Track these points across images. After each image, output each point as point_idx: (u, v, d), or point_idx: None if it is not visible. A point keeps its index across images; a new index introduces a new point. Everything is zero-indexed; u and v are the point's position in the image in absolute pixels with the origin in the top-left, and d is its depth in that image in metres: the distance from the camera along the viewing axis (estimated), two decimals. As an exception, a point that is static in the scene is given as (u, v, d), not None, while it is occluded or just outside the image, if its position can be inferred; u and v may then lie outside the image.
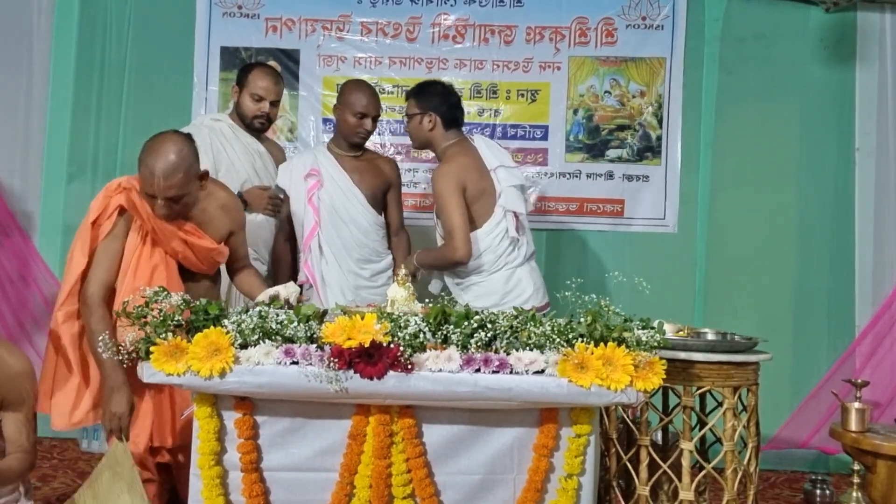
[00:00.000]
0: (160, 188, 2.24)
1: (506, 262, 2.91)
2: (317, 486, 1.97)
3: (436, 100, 2.98)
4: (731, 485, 2.29)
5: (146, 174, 2.26)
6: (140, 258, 2.30)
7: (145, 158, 2.28)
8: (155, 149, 2.29)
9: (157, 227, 2.30)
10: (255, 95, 3.05)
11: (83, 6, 3.99)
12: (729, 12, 3.94)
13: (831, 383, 3.66)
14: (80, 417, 2.35)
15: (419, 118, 2.98)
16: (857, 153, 3.92)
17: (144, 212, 2.30)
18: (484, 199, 2.90)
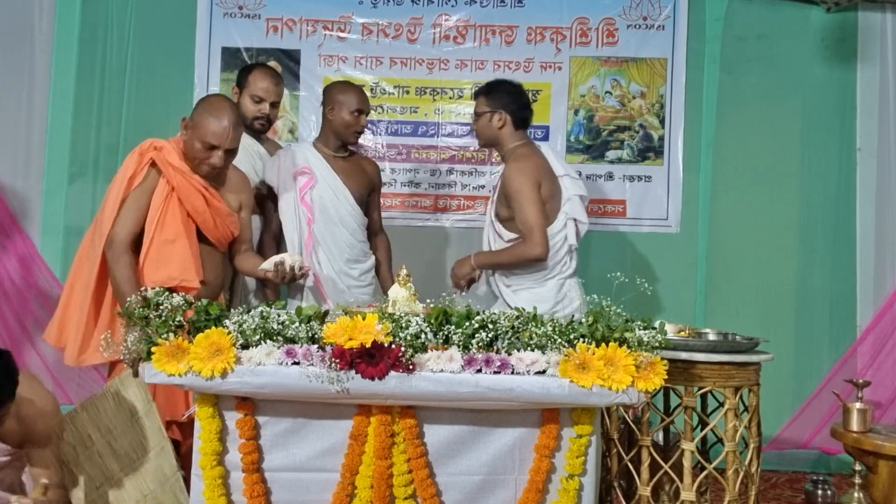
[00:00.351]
0: (229, 138, 2.48)
1: (560, 271, 2.91)
2: (318, 486, 1.97)
3: (506, 98, 2.97)
4: (733, 485, 2.29)
5: (214, 126, 2.46)
6: (166, 213, 2.44)
7: (211, 112, 2.50)
8: (218, 105, 2.55)
9: (185, 183, 2.47)
10: (255, 97, 3.05)
11: (84, 7, 3.99)
12: (730, 12, 3.94)
13: (833, 383, 3.66)
14: (89, 356, 2.45)
15: (489, 116, 2.96)
16: (858, 153, 3.92)
17: (174, 167, 2.47)
18: (552, 203, 2.89)
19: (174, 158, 2.49)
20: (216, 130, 2.47)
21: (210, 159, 2.49)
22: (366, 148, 4.03)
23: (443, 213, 4.02)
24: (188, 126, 2.52)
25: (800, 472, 3.75)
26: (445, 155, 4.05)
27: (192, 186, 2.48)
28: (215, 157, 2.49)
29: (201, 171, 2.52)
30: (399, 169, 4.04)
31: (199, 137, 2.48)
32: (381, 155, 4.04)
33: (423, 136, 4.06)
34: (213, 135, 2.47)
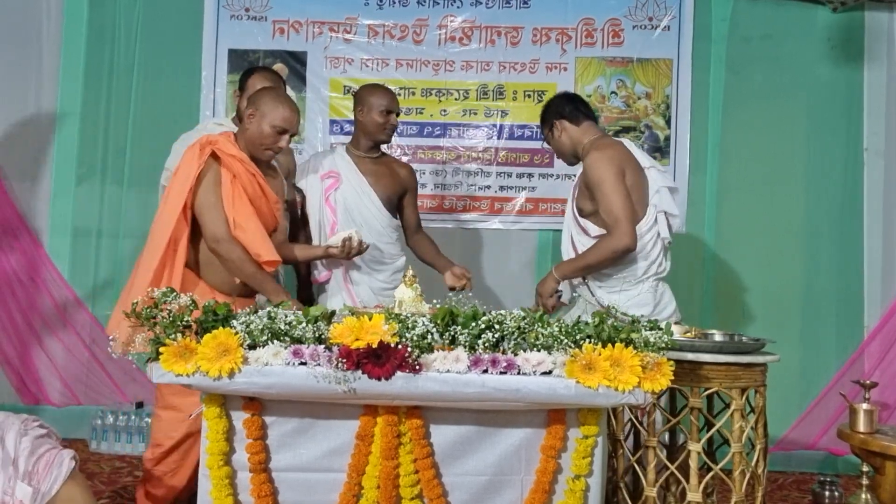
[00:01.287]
0: (295, 123, 2.66)
1: (656, 272, 2.78)
2: (325, 486, 1.98)
3: (551, 108, 2.95)
4: (739, 486, 2.29)
5: (284, 112, 2.62)
6: (235, 198, 2.59)
7: (278, 99, 2.66)
8: (279, 94, 2.74)
9: (243, 170, 2.59)
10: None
11: (92, 9, 4.02)
12: (736, 12, 3.94)
13: (840, 384, 3.65)
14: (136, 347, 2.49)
15: (549, 133, 2.95)
16: (865, 153, 3.91)
17: (232, 155, 2.60)
18: (637, 194, 2.74)
19: (231, 148, 2.62)
20: (286, 115, 2.63)
21: (278, 143, 2.64)
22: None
23: (448, 214, 4.03)
24: (254, 114, 2.64)
25: (806, 473, 3.74)
26: (451, 156, 4.05)
27: (248, 173, 2.62)
28: (283, 140, 2.65)
29: (265, 156, 2.68)
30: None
31: (269, 122, 2.61)
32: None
33: (429, 136, 4.06)
34: (283, 119, 2.62)
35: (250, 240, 2.59)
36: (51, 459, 1.86)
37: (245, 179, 2.61)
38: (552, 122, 2.92)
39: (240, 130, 2.71)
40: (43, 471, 1.84)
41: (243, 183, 2.61)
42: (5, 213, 3.91)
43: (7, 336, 3.85)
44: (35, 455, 1.86)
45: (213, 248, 2.59)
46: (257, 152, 2.66)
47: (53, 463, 1.86)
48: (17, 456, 1.85)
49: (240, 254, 2.57)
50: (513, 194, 4.02)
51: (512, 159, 4.03)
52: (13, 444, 1.86)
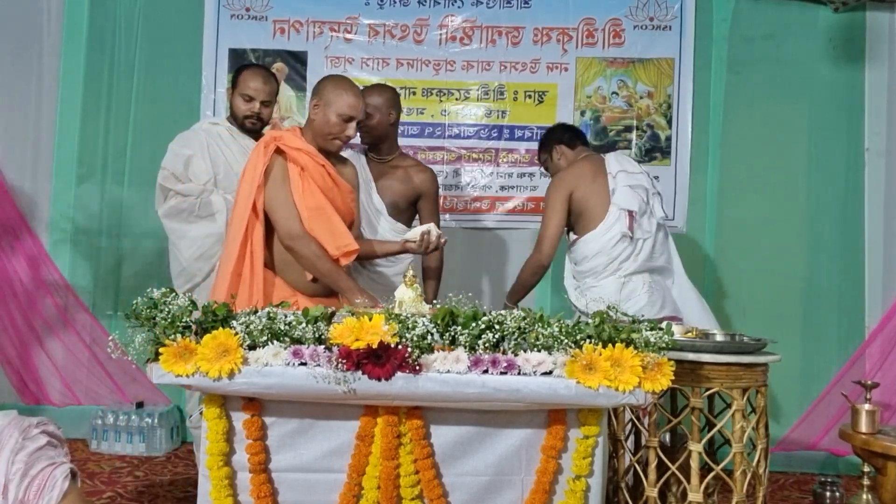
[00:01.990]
0: (362, 110, 2.68)
1: (619, 268, 2.98)
2: (325, 486, 1.98)
3: (550, 136, 3.28)
4: (740, 486, 2.28)
5: (349, 99, 2.62)
6: (305, 192, 2.60)
7: (342, 87, 2.65)
8: (345, 81, 2.72)
9: (311, 162, 2.60)
10: (245, 95, 3.06)
11: (92, 9, 4.02)
12: (737, 12, 3.93)
13: (841, 385, 3.64)
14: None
15: (549, 159, 3.26)
16: (866, 153, 3.90)
17: (298, 148, 2.61)
18: (596, 199, 3.03)
19: (296, 141, 2.63)
20: (351, 102, 2.62)
21: (346, 131, 2.64)
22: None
23: (450, 214, 4.02)
24: (318, 104, 2.64)
25: (808, 473, 3.73)
26: (452, 156, 4.05)
27: (317, 164, 2.62)
28: (350, 128, 2.64)
29: (333, 147, 2.68)
30: (405, 170, 4.05)
31: (335, 111, 2.61)
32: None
33: (430, 137, 4.06)
34: (349, 107, 2.62)
35: (326, 232, 2.57)
36: (43, 482, 1.82)
37: (314, 172, 2.60)
38: (553, 146, 3.23)
39: (306, 123, 2.71)
40: (34, 497, 1.80)
41: (313, 175, 2.60)
42: (6, 212, 3.91)
43: (7, 336, 3.85)
44: (27, 478, 1.81)
45: (289, 245, 2.57)
46: (325, 143, 2.65)
47: (45, 487, 1.82)
48: (7, 482, 1.80)
49: (315, 249, 2.55)
50: (513, 194, 4.02)
51: (512, 159, 4.03)
52: (5, 466, 1.81)
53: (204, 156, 3.02)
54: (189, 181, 3.03)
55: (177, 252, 3.05)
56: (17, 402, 3.82)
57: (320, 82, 2.73)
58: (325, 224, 2.58)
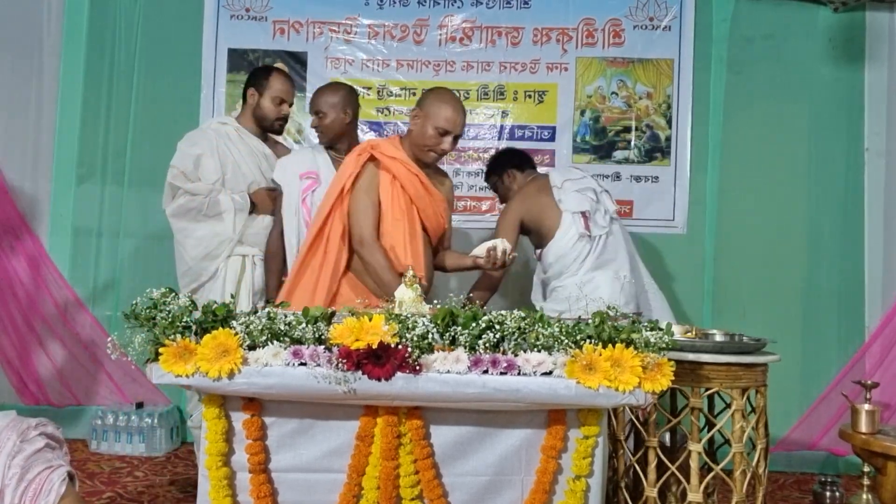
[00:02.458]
0: (459, 124, 2.68)
1: (581, 266, 3.06)
2: (325, 487, 1.98)
3: (501, 160, 3.38)
4: (740, 486, 2.28)
5: (447, 113, 2.66)
6: (392, 199, 2.67)
7: (442, 100, 2.69)
8: (448, 95, 2.76)
9: (404, 170, 2.66)
10: (276, 98, 3.09)
11: (92, 10, 4.02)
12: (737, 13, 3.93)
13: (841, 385, 3.64)
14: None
15: (500, 181, 3.34)
16: (866, 153, 3.90)
17: (392, 157, 2.68)
18: (546, 213, 3.13)
19: (391, 150, 2.71)
20: (449, 116, 2.65)
21: (441, 145, 2.67)
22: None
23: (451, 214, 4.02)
24: (418, 115, 2.70)
25: (808, 473, 3.73)
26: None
27: (410, 173, 2.68)
28: (446, 142, 2.67)
29: (427, 158, 2.72)
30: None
31: (432, 124, 2.65)
32: (388, 156, 4.04)
33: (430, 137, 4.05)
34: (446, 121, 2.65)
35: (401, 243, 2.64)
36: (39, 486, 1.81)
37: (406, 181, 2.67)
38: (505, 170, 3.32)
39: (406, 132, 2.77)
40: (31, 502, 1.80)
41: (404, 184, 2.66)
42: (6, 212, 3.91)
43: (7, 336, 3.85)
44: (24, 482, 1.81)
45: (357, 250, 2.67)
46: (420, 154, 2.70)
47: (41, 491, 1.81)
48: (3, 486, 1.79)
49: (380, 259, 2.62)
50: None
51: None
52: (1, 470, 1.80)
53: (213, 155, 3.02)
54: (198, 180, 3.02)
55: (182, 251, 3.05)
56: (17, 403, 3.82)
57: (425, 93, 2.78)
58: (403, 236, 2.65)
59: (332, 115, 2.99)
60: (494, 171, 3.39)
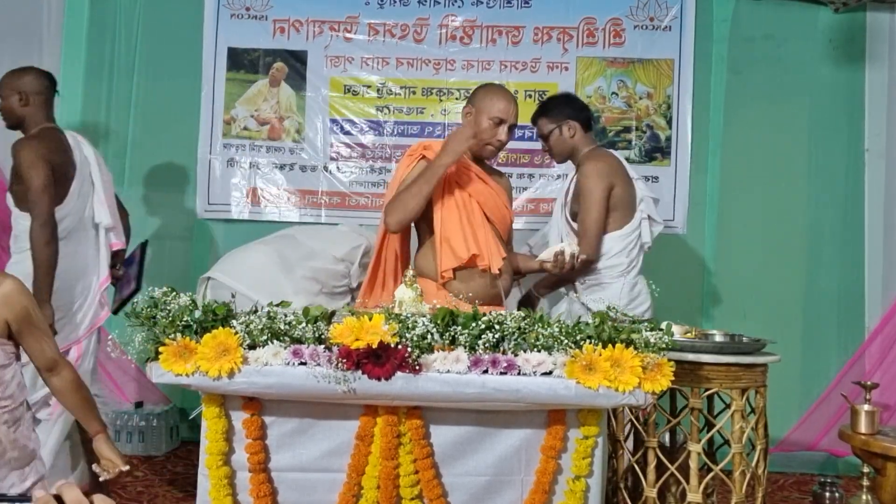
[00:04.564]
0: (513, 113, 2.64)
1: (632, 270, 2.96)
2: (324, 486, 1.97)
3: (568, 108, 3.02)
4: (740, 487, 2.28)
5: (500, 104, 2.63)
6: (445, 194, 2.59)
7: (494, 92, 2.68)
8: (498, 87, 2.78)
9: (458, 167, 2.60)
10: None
11: (93, 8, 4.02)
12: (737, 13, 3.93)
13: (841, 385, 3.64)
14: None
15: (558, 131, 2.99)
16: (866, 154, 3.90)
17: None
18: (628, 201, 2.95)
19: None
20: (502, 106, 2.62)
21: (498, 135, 2.63)
22: (372, 148, 4.04)
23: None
24: (470, 111, 2.67)
25: (807, 474, 3.74)
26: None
27: (465, 169, 2.63)
28: (502, 132, 2.63)
29: (486, 153, 2.68)
30: (405, 169, 4.05)
31: (486, 115, 2.62)
32: (388, 155, 4.04)
33: (430, 136, 4.06)
34: (499, 110, 2.62)
35: (459, 237, 2.57)
36: None
37: (460, 176, 2.62)
38: (565, 120, 2.98)
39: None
40: None
41: (459, 181, 2.61)
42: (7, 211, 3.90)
43: (7, 335, 3.85)
44: None
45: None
46: (479, 150, 2.66)
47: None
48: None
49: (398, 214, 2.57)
50: (513, 194, 4.01)
51: (512, 159, 4.03)
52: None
53: None
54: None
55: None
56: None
57: (474, 90, 2.75)
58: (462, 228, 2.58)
59: (9, 98, 2.97)
60: (552, 116, 3.01)
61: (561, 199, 3.11)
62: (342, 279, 3.12)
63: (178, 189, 4.05)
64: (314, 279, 3.04)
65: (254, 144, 4.05)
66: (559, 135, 2.99)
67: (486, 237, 2.61)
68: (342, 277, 3.12)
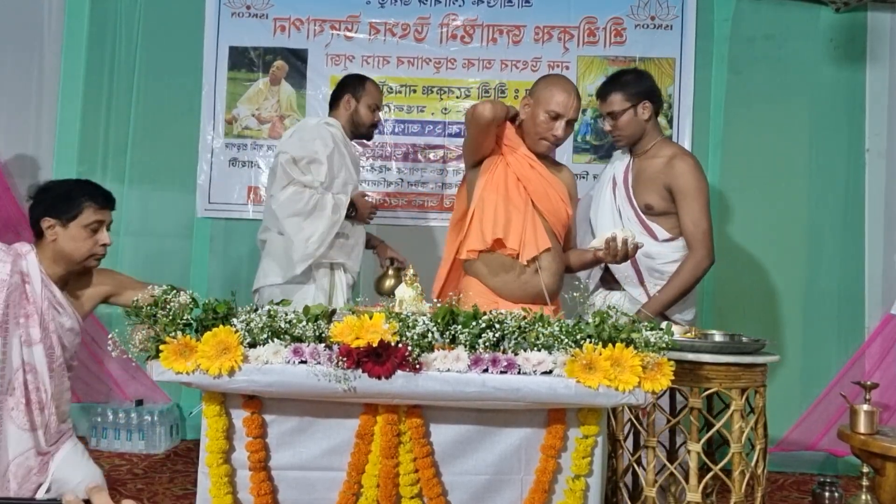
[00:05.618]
0: (572, 108, 2.56)
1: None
2: (324, 485, 1.98)
3: (648, 85, 2.83)
4: (739, 487, 2.28)
5: (559, 97, 2.54)
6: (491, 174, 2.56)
7: (555, 84, 2.59)
8: (560, 78, 2.68)
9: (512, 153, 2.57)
10: (372, 105, 3.17)
11: (93, 7, 4.02)
12: (738, 12, 3.93)
13: (840, 385, 3.64)
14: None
15: (632, 111, 2.79)
16: (867, 154, 3.90)
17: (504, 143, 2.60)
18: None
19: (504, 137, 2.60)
20: (560, 100, 2.54)
21: (553, 130, 2.55)
22: (371, 147, 4.04)
23: (450, 213, 4.01)
24: (528, 103, 2.60)
25: (807, 473, 3.74)
26: (452, 154, 4.05)
27: (520, 154, 2.58)
28: (558, 127, 2.55)
29: (540, 147, 2.60)
30: (406, 168, 4.05)
31: (543, 108, 2.55)
32: (388, 154, 4.05)
33: (430, 135, 4.06)
34: (557, 103, 2.54)
35: (485, 216, 2.52)
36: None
37: (515, 161, 2.55)
38: (646, 100, 2.81)
39: (519, 123, 2.63)
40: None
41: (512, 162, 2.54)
42: (9, 211, 3.91)
43: (7, 333, 3.85)
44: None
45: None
46: (533, 144, 2.58)
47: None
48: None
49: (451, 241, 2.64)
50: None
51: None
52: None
53: (327, 159, 3.01)
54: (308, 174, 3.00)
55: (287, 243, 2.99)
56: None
57: (536, 81, 2.67)
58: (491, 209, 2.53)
59: None
60: (629, 92, 2.79)
61: (620, 188, 2.88)
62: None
63: (179, 188, 4.05)
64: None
65: (255, 143, 4.05)
66: (633, 115, 2.79)
67: (525, 225, 2.51)
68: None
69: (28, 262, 2.36)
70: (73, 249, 2.39)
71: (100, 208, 2.45)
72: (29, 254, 2.37)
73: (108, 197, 2.50)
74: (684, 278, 2.74)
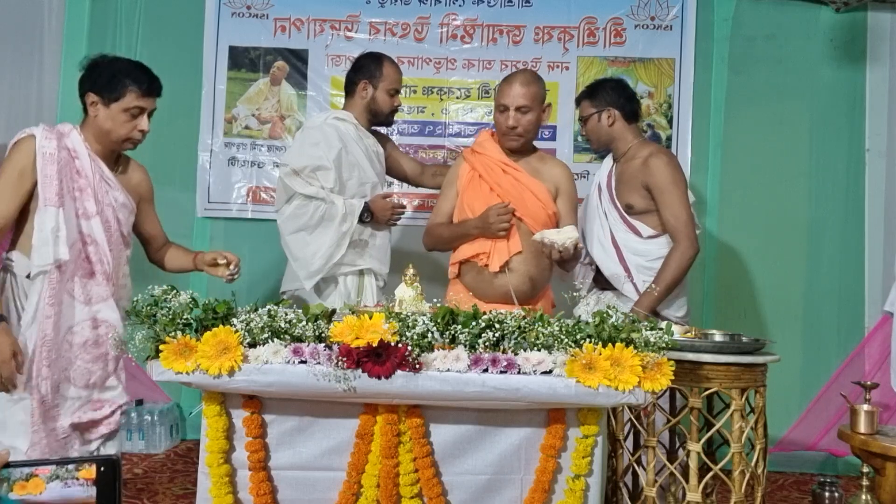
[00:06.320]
0: (516, 95, 2.63)
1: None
2: (324, 484, 1.98)
3: (611, 95, 2.92)
4: (739, 486, 2.28)
5: (504, 89, 2.69)
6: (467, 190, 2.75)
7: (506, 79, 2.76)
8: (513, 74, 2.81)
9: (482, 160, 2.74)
10: (391, 90, 3.03)
11: (93, 7, 4.02)
12: (738, 12, 3.93)
13: (840, 385, 3.64)
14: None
15: (596, 116, 2.93)
16: (867, 154, 3.90)
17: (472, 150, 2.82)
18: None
19: (475, 143, 2.83)
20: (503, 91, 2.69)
21: (507, 122, 2.66)
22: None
23: (449, 213, 4.02)
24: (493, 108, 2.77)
25: (807, 473, 3.74)
26: (452, 155, 4.05)
27: (493, 163, 2.72)
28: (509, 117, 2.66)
29: (509, 143, 2.72)
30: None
31: (495, 105, 2.72)
32: (388, 154, 4.04)
33: (431, 135, 4.06)
34: (501, 95, 2.68)
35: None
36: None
37: (488, 170, 2.72)
38: (608, 108, 2.92)
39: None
40: None
41: (481, 172, 2.71)
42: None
43: (7, 333, 3.85)
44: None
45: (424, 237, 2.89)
46: (503, 141, 2.73)
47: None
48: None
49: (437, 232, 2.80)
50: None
51: (513, 158, 4.02)
52: None
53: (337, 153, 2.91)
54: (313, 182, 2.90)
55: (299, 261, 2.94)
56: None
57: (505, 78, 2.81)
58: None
59: None
60: (595, 100, 2.94)
61: (604, 192, 2.96)
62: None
63: (179, 188, 4.05)
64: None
65: (255, 143, 4.06)
66: (597, 121, 2.92)
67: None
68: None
69: (72, 139, 2.39)
70: (111, 128, 2.42)
71: (143, 95, 2.44)
72: (72, 132, 2.40)
73: (153, 84, 2.48)
74: (672, 270, 2.77)
